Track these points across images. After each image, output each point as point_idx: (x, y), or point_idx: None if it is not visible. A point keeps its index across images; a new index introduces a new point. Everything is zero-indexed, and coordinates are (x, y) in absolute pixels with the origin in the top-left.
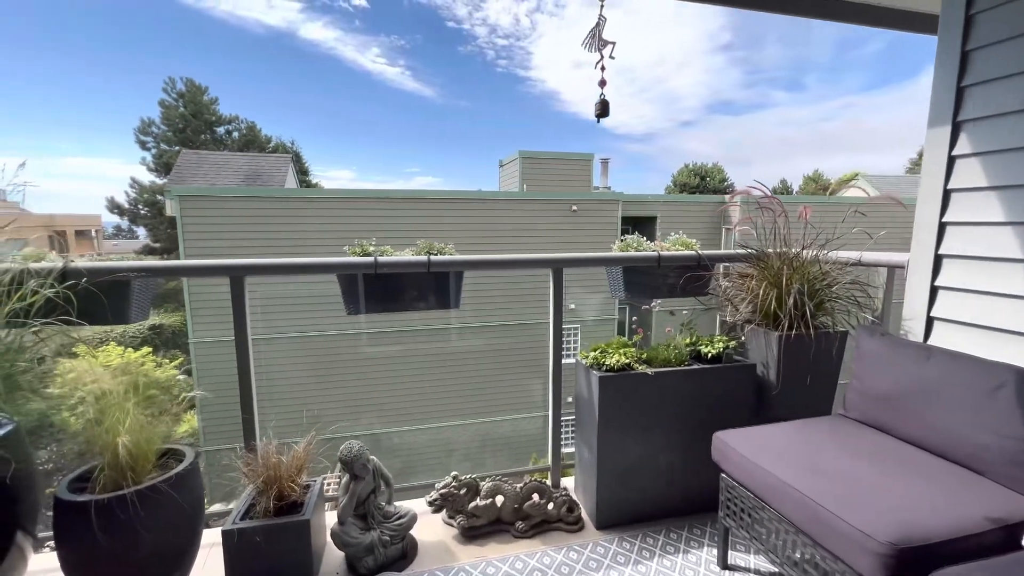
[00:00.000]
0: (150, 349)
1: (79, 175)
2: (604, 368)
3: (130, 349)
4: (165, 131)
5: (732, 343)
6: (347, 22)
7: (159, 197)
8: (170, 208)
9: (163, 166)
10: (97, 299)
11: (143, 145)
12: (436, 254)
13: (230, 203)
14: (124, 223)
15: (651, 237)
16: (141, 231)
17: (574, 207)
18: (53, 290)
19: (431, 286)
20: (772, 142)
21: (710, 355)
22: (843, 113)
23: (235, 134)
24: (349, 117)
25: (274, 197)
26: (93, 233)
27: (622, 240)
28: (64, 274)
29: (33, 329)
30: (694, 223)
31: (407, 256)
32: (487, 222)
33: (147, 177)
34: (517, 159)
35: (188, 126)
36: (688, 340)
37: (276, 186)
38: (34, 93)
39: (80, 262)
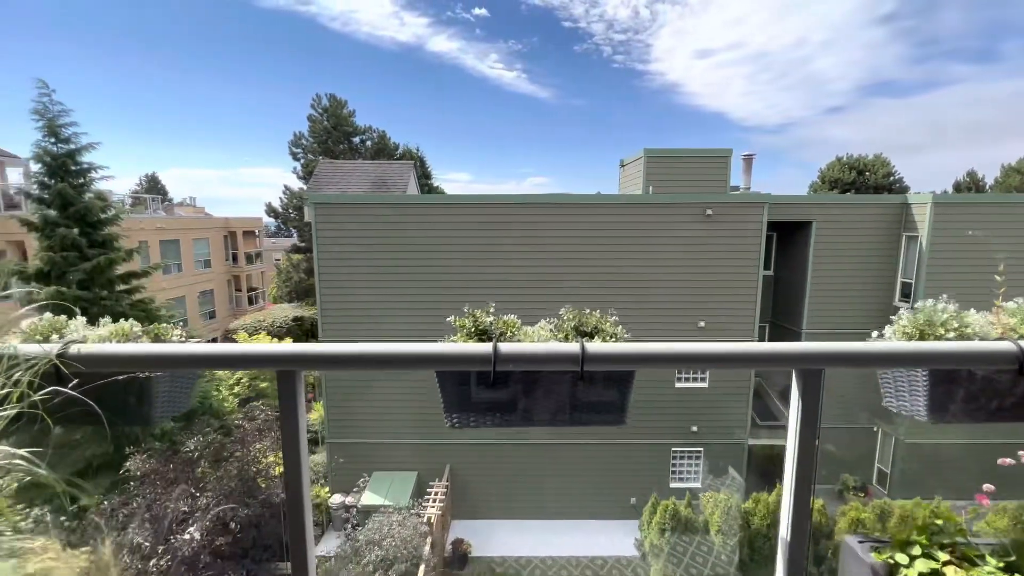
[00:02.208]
0: (292, 340)
1: (252, 182)
2: None
3: (276, 340)
4: (311, 143)
5: None
6: (469, 31)
7: (304, 201)
8: (307, 214)
9: (309, 174)
10: (106, 392)
11: (294, 156)
12: (590, 333)
13: (357, 209)
14: (280, 225)
15: (804, 245)
16: (295, 232)
17: (708, 211)
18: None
19: (585, 390)
20: (950, 126)
21: None
22: None
23: (368, 143)
24: (467, 121)
25: (395, 204)
26: (256, 233)
27: (915, 309)
28: (62, 358)
29: None
30: (862, 230)
31: (547, 344)
32: (608, 228)
33: (296, 184)
34: (641, 158)
35: (329, 137)
36: None
37: (400, 191)
38: (226, 115)
39: (89, 345)
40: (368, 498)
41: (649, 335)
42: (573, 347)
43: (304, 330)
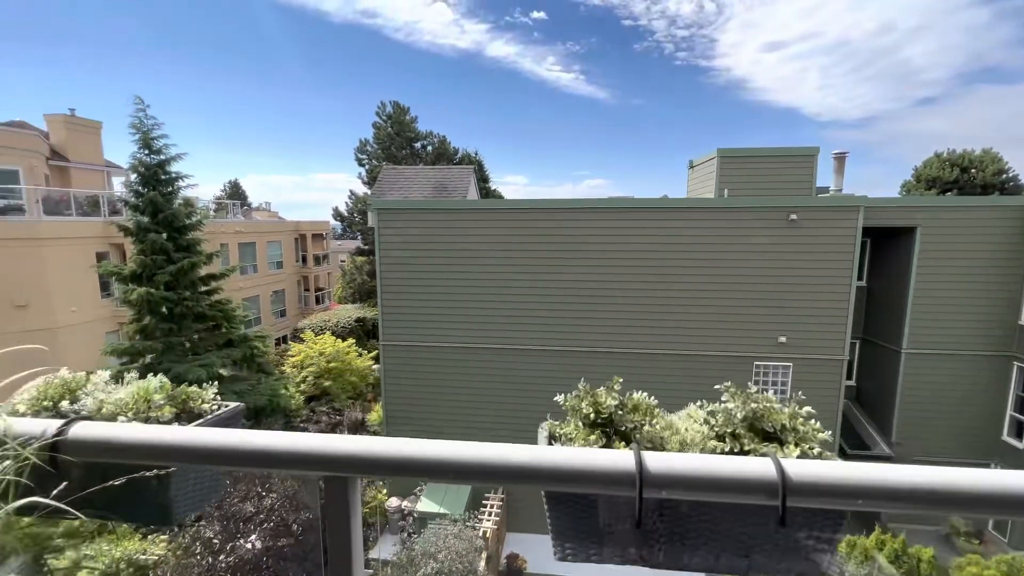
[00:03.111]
0: (354, 340)
1: (322, 187)
2: None
3: (339, 340)
4: (376, 149)
5: None
6: (526, 35)
7: (367, 206)
8: (370, 219)
9: (372, 179)
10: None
11: (360, 162)
12: (777, 436)
13: (418, 214)
14: (346, 228)
15: (906, 253)
16: (359, 235)
17: (792, 215)
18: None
19: (772, 531)
20: None
21: None
22: None
23: (429, 148)
24: (524, 124)
25: (455, 209)
26: (324, 236)
27: None
28: (55, 447)
29: None
30: (980, 236)
31: (720, 460)
32: (677, 234)
33: (361, 189)
34: (714, 158)
35: (392, 143)
36: None
37: (460, 196)
38: (300, 125)
39: (92, 426)
40: (424, 505)
41: (721, 351)
42: (764, 469)
43: (365, 330)
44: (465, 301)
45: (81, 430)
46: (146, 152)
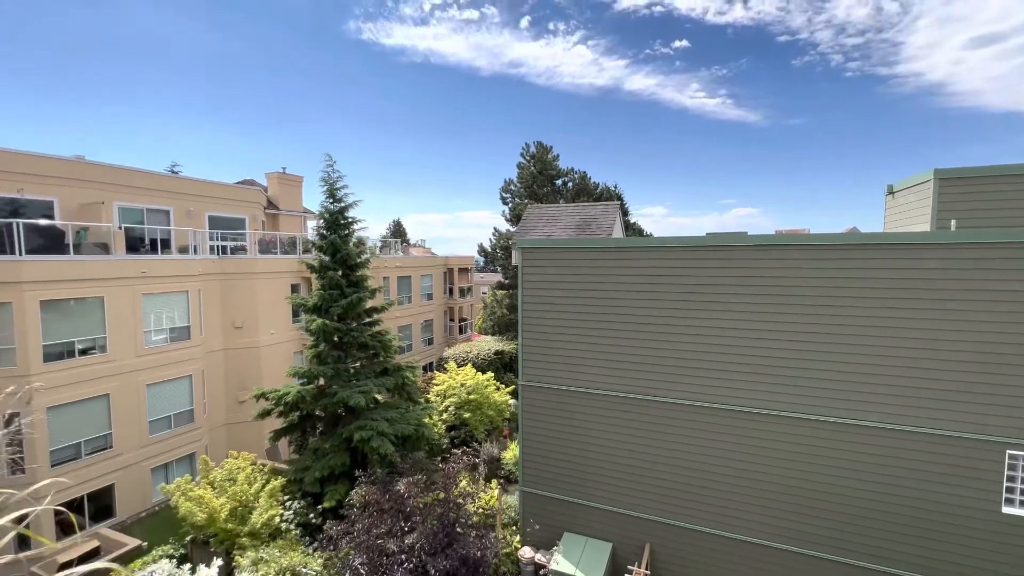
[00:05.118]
0: (492, 373)
1: (469, 224)
2: None
3: (479, 372)
4: (519, 188)
5: None
6: (667, 65)
7: (510, 243)
8: (514, 258)
9: (515, 217)
10: None
11: (503, 201)
12: None
13: (562, 253)
14: (488, 263)
15: None
16: (500, 269)
17: None
18: None
19: None
20: None
21: None
22: None
23: (569, 184)
24: (663, 154)
25: (601, 247)
26: (469, 270)
27: None
28: None
29: None
30: None
31: None
32: (881, 278)
33: (504, 226)
34: (928, 182)
35: (535, 182)
36: None
37: (604, 233)
38: (455, 169)
39: None
40: (560, 564)
41: (954, 431)
42: None
43: (504, 363)
44: (612, 345)
45: None
46: (331, 201)
